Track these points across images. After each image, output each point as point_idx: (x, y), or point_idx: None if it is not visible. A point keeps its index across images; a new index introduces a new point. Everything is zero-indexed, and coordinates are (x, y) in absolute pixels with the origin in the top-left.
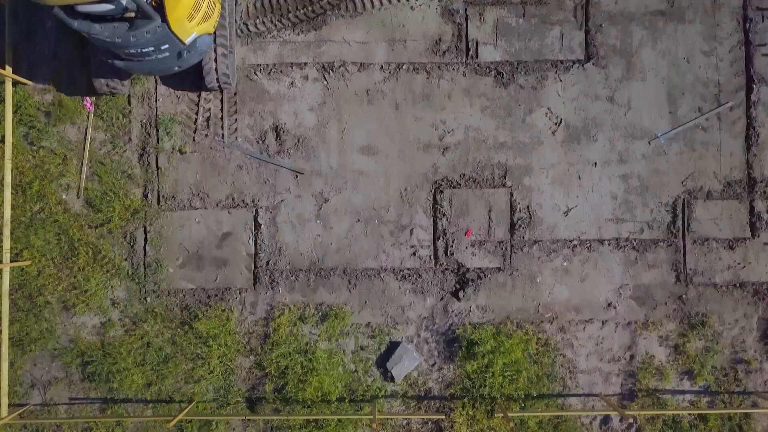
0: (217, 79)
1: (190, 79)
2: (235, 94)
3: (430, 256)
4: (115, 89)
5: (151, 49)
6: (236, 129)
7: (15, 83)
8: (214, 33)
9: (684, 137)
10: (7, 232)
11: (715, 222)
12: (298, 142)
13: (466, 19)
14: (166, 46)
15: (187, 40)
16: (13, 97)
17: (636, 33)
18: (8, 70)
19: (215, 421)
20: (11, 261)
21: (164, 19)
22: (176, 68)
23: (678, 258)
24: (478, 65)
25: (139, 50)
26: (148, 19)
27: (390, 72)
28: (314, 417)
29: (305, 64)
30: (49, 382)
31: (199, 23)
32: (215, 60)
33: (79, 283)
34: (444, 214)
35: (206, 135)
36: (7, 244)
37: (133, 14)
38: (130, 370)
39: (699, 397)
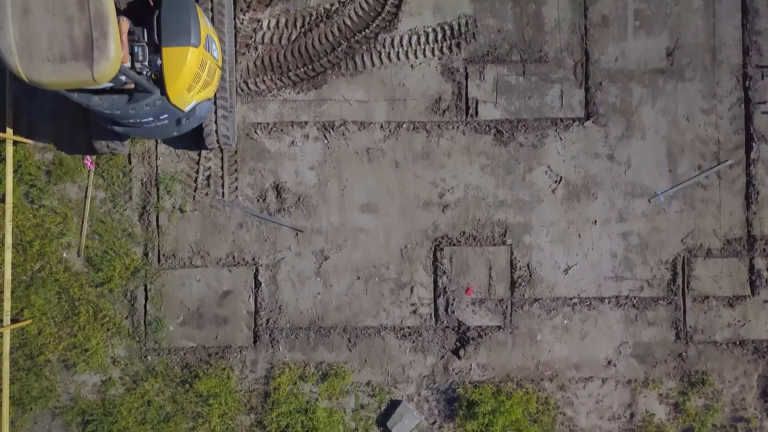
0: (218, 140)
1: (191, 138)
2: (236, 152)
3: (431, 314)
4: (116, 150)
5: (150, 118)
6: (237, 187)
7: (15, 142)
8: (214, 95)
9: (684, 195)
10: (7, 293)
11: (715, 280)
12: (299, 200)
13: (466, 78)
14: (165, 115)
15: (187, 108)
16: (13, 156)
17: (636, 91)
18: (9, 132)
19: None
20: (12, 320)
21: (163, 92)
22: (175, 134)
23: (678, 316)
24: (478, 123)
25: (138, 120)
26: (147, 92)
27: (390, 131)
28: None
29: (306, 122)
30: None
31: (198, 92)
32: (215, 122)
33: (79, 341)
34: (444, 272)
35: (207, 193)
36: (7, 306)
37: (132, 86)
38: (131, 428)
39: None
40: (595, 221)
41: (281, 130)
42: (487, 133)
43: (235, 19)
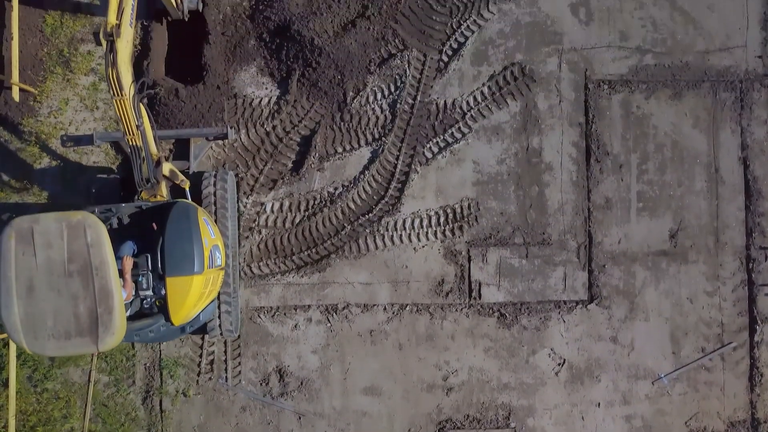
0: (221, 333)
1: None
2: (239, 337)
3: None
4: None
5: (153, 334)
6: (240, 371)
7: None
8: (218, 296)
9: (687, 378)
10: None
11: None
12: (302, 384)
13: (469, 260)
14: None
15: (191, 320)
16: None
17: (639, 273)
18: None
19: None
20: None
21: (167, 318)
22: (179, 338)
23: None
24: (481, 306)
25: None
26: (150, 318)
27: (393, 313)
28: None
29: (309, 306)
30: None
31: (202, 303)
32: (219, 317)
33: None
34: None
35: (210, 378)
36: None
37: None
38: None
39: None
40: (599, 404)
41: (284, 314)
42: (490, 315)
43: (238, 202)
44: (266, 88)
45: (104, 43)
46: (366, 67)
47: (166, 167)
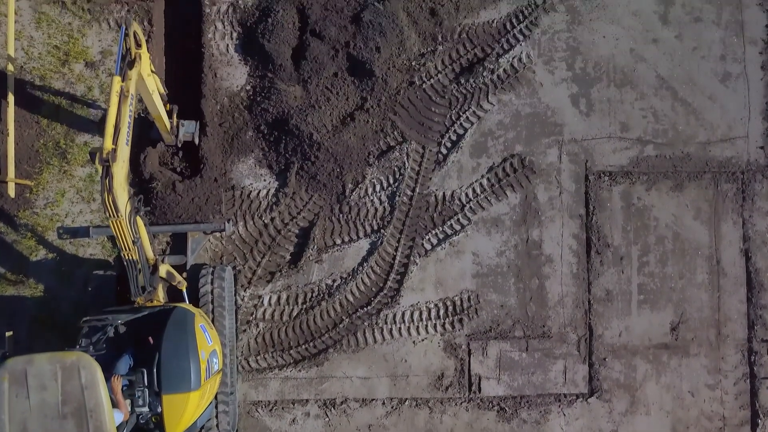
0: None
1: None
2: (237, 430)
3: None
4: None
5: None
6: None
7: None
8: (215, 395)
9: None
10: None
11: None
12: None
13: (469, 354)
14: None
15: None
16: None
17: (640, 367)
18: None
19: None
20: None
21: None
22: None
23: None
24: (481, 400)
25: None
26: None
27: (392, 407)
28: None
29: (307, 400)
30: None
31: (199, 413)
32: (216, 416)
33: None
34: None
35: None
36: None
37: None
38: None
39: None
40: None
41: (282, 408)
42: (490, 409)
43: (236, 295)
44: (264, 180)
45: (100, 168)
46: (365, 159)
47: (163, 269)
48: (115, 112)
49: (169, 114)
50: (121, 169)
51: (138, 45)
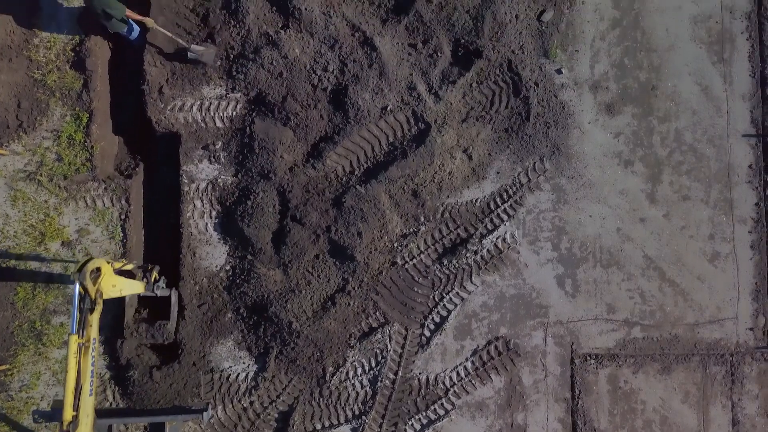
0: None
1: None
2: None
3: None
4: None
5: None
6: None
7: None
8: None
9: None
10: None
11: None
12: None
13: None
14: None
15: None
16: None
17: None
18: None
19: None
20: None
21: None
22: None
23: None
24: None
25: None
26: None
27: None
28: None
29: None
30: None
31: None
32: None
33: None
34: None
35: None
36: None
37: None
38: None
39: None
40: None
41: None
42: None
43: None
44: (243, 363)
45: None
46: (346, 341)
47: None
48: (74, 375)
49: (149, 271)
50: (86, 426)
51: (93, 306)
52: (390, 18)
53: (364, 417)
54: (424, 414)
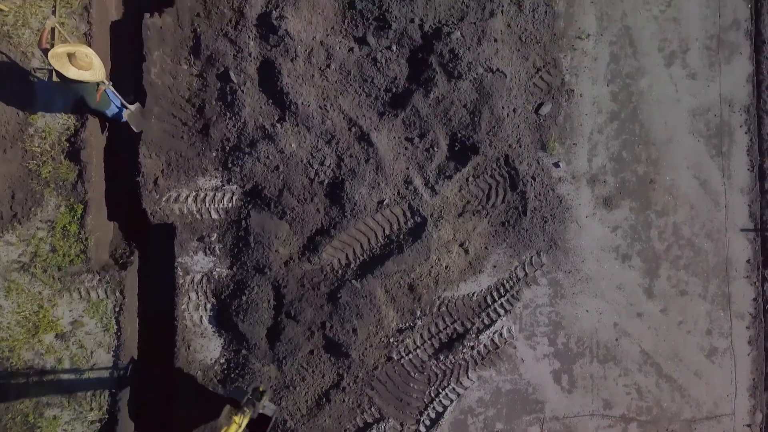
0: None
1: None
2: None
3: None
4: None
5: None
6: None
7: None
8: None
9: None
10: None
11: None
12: None
13: None
14: None
15: None
16: None
17: None
18: None
19: None
20: None
21: None
22: None
23: None
24: None
25: None
26: None
27: None
28: None
29: None
30: None
31: None
32: None
33: None
34: None
35: None
36: None
37: None
38: None
39: None
40: None
41: None
42: None
43: None
44: None
45: None
46: None
47: None
48: None
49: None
50: None
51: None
52: (387, 112)
53: None
54: None
